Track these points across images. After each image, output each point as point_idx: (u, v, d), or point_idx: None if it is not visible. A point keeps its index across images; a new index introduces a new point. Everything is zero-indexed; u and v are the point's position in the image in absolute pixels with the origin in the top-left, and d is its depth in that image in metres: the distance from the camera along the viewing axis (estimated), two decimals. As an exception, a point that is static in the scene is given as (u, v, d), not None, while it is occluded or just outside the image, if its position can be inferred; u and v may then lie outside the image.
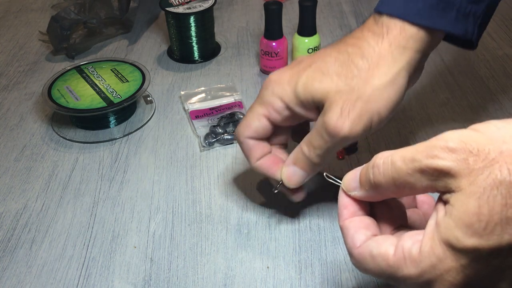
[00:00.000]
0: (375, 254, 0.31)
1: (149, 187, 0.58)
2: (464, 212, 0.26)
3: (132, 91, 0.67)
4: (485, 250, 0.26)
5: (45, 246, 0.52)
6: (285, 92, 0.45)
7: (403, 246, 0.30)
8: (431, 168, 0.28)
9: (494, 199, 0.25)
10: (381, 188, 0.32)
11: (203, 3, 0.77)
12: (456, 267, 0.27)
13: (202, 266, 0.49)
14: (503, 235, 0.25)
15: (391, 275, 0.30)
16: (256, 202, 0.56)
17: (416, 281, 0.29)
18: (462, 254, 0.27)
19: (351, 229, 0.34)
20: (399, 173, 0.30)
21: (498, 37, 0.84)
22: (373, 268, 0.31)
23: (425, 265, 0.28)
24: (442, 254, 0.27)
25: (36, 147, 0.65)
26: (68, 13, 0.81)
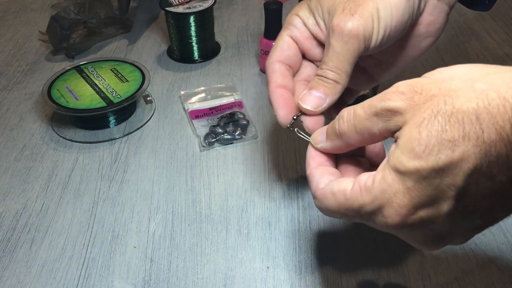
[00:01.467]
0: (335, 191, 0.34)
1: (149, 187, 0.58)
2: (407, 139, 0.30)
3: (132, 91, 0.67)
4: (425, 170, 0.29)
5: (45, 246, 0.52)
6: (300, 9, 0.46)
7: (359, 180, 0.33)
8: (383, 109, 0.32)
9: (432, 125, 0.29)
10: (345, 136, 0.35)
11: (203, 3, 0.77)
12: (402, 189, 0.30)
13: (202, 266, 0.49)
14: (440, 155, 0.28)
15: (348, 208, 0.34)
16: (256, 202, 0.56)
17: (370, 208, 0.32)
18: (406, 176, 0.30)
19: (316, 175, 0.38)
20: (359, 119, 0.34)
21: (498, 37, 0.84)
22: (334, 205, 0.35)
23: (376, 192, 0.31)
24: (390, 180, 0.31)
25: (36, 147, 0.65)
26: (68, 13, 0.81)
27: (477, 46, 0.82)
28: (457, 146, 0.28)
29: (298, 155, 0.62)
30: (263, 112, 0.69)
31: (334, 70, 0.42)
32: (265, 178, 0.59)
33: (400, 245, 0.51)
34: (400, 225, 0.31)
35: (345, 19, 0.41)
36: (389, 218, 0.31)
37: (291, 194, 0.57)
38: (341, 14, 0.42)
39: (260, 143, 0.64)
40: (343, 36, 0.41)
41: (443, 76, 0.31)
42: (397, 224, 0.31)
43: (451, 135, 0.28)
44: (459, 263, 0.49)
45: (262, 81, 0.76)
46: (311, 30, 0.46)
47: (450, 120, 0.28)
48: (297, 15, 0.46)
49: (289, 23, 0.47)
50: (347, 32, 0.41)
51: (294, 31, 0.46)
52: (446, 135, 0.28)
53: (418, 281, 0.47)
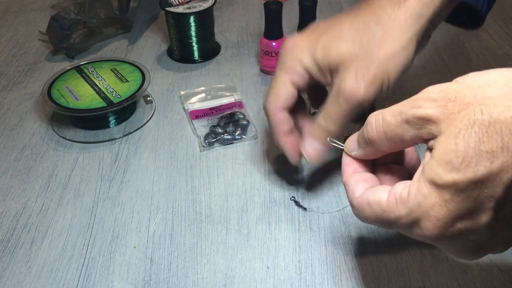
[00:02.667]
0: (371, 201, 0.34)
1: (149, 187, 0.58)
2: (443, 151, 0.29)
3: (132, 91, 0.67)
4: (463, 183, 0.28)
5: (45, 246, 0.52)
6: (304, 57, 0.47)
7: (395, 191, 0.33)
8: (415, 117, 0.31)
9: (469, 137, 0.28)
10: (375, 143, 0.35)
11: (203, 3, 0.77)
12: (439, 202, 0.29)
13: (202, 266, 0.49)
14: (478, 167, 0.28)
15: (385, 219, 0.33)
16: (256, 202, 0.56)
17: (406, 221, 0.32)
18: (443, 189, 0.29)
19: (351, 183, 0.37)
20: (389, 126, 0.33)
21: (498, 37, 0.84)
22: (370, 214, 0.34)
23: (413, 204, 0.31)
24: (426, 192, 0.30)
25: (36, 147, 0.65)
26: (68, 13, 0.81)
27: (477, 46, 0.82)
28: (495, 157, 0.27)
29: (298, 155, 0.62)
30: (263, 112, 0.69)
31: (338, 125, 0.46)
32: (265, 178, 0.59)
33: (400, 245, 0.51)
34: (439, 237, 0.31)
35: (358, 87, 0.44)
36: (426, 231, 0.31)
37: (291, 194, 0.57)
38: (353, 79, 0.44)
39: (260, 143, 0.64)
40: (354, 102, 0.44)
41: (478, 82, 0.30)
42: (435, 236, 0.31)
43: (489, 146, 0.27)
44: (459, 263, 0.49)
45: (262, 81, 0.76)
46: (314, 76, 0.48)
47: (488, 131, 0.27)
48: (301, 62, 0.47)
49: (290, 67, 0.48)
50: (358, 99, 0.44)
51: (296, 78, 0.48)
52: (484, 146, 0.27)
53: (418, 281, 0.47)
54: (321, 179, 0.58)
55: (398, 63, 0.45)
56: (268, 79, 0.76)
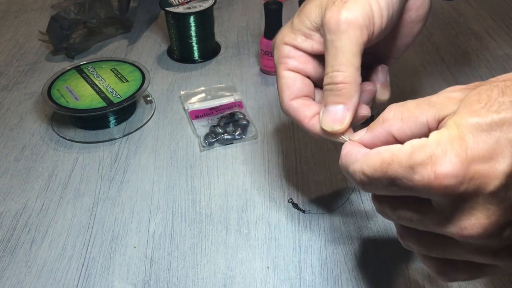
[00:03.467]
0: (382, 150, 0.31)
1: (149, 187, 0.58)
2: (466, 102, 0.29)
3: (132, 91, 0.67)
4: (485, 123, 0.28)
5: (45, 246, 0.52)
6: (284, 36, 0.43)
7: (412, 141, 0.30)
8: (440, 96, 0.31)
9: (492, 90, 0.29)
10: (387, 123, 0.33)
11: (203, 3, 0.77)
12: (459, 141, 0.28)
13: (202, 266, 0.49)
14: (500, 111, 0.28)
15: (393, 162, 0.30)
16: (256, 202, 0.56)
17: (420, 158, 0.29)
18: (465, 129, 0.29)
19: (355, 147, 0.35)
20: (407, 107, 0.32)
21: (498, 37, 0.84)
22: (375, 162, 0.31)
23: (431, 142, 0.29)
24: (447, 133, 0.29)
25: (36, 147, 0.65)
26: (68, 13, 0.81)
27: (477, 46, 0.82)
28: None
29: (298, 155, 0.62)
30: (263, 112, 0.69)
31: (341, 69, 0.38)
32: (265, 178, 0.59)
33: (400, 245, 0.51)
34: (450, 178, 0.28)
35: (337, 9, 0.38)
36: (439, 166, 0.28)
37: (291, 194, 0.57)
38: (332, 6, 0.39)
39: (260, 143, 0.64)
40: (340, 27, 0.38)
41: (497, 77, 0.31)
42: (448, 174, 0.28)
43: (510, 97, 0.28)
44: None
45: (262, 81, 0.76)
46: (305, 49, 0.42)
47: (510, 87, 0.29)
48: (284, 43, 0.43)
49: (280, 56, 0.43)
50: (343, 21, 0.38)
51: (290, 62, 0.43)
52: (506, 98, 0.28)
53: (418, 281, 0.47)
54: (320, 179, 0.58)
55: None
56: (268, 79, 0.76)
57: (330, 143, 0.63)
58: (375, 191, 0.33)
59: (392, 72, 0.76)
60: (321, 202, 0.56)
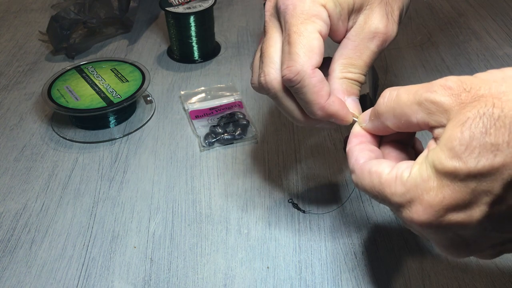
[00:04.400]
0: (373, 171, 0.34)
1: (149, 187, 0.58)
2: (448, 137, 0.29)
3: (132, 91, 0.67)
4: (463, 172, 0.28)
5: (45, 246, 0.52)
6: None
7: (397, 168, 0.32)
8: (428, 100, 0.31)
9: (476, 126, 0.28)
10: (382, 117, 0.35)
11: (203, 3, 0.77)
12: (436, 187, 0.29)
13: (202, 266, 0.49)
14: (480, 159, 0.27)
15: (381, 192, 0.33)
16: (256, 202, 0.56)
17: (399, 199, 0.31)
18: (443, 175, 0.29)
19: (355, 151, 0.37)
20: (399, 104, 0.33)
21: (498, 37, 0.84)
22: (368, 183, 0.34)
23: (410, 184, 0.31)
24: (426, 175, 0.30)
25: (36, 147, 0.65)
26: (68, 13, 0.81)
27: (477, 46, 0.82)
28: (500, 151, 0.27)
29: (298, 155, 0.62)
30: (263, 112, 0.69)
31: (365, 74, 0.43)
32: (265, 178, 0.59)
33: (400, 245, 0.51)
34: (426, 225, 0.30)
35: (392, 27, 0.42)
36: (415, 215, 0.30)
37: (291, 194, 0.57)
38: (386, 19, 0.42)
39: (260, 143, 0.64)
40: (386, 43, 0.42)
41: (495, 77, 0.30)
42: (422, 223, 0.30)
43: (495, 139, 0.27)
44: (459, 263, 0.49)
45: (262, 81, 0.75)
46: (334, 25, 0.41)
47: (496, 124, 0.27)
48: (325, 7, 0.40)
49: (316, 15, 0.39)
50: (390, 40, 0.42)
51: (324, 28, 0.40)
52: (489, 138, 0.27)
53: (418, 281, 0.47)
54: (320, 179, 0.58)
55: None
56: (268, 79, 0.76)
57: (330, 143, 0.63)
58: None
59: (393, 72, 0.76)
60: (321, 202, 0.56)
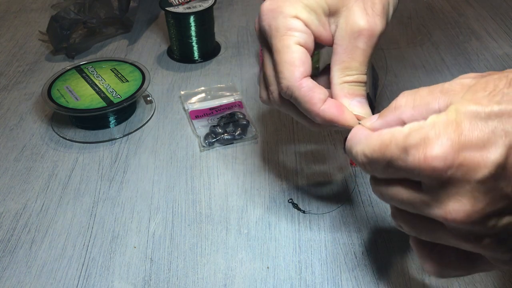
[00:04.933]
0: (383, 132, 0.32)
1: (149, 187, 0.58)
2: (472, 88, 0.30)
3: (132, 91, 0.67)
4: (484, 111, 0.28)
5: (45, 246, 0.52)
6: (297, 9, 0.41)
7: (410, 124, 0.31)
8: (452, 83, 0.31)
9: (500, 81, 0.29)
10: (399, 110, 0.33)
11: (203, 3, 0.77)
12: (454, 125, 0.29)
13: (202, 266, 0.49)
14: (502, 102, 0.28)
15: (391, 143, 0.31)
16: (256, 202, 0.56)
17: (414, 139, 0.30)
18: (463, 115, 0.29)
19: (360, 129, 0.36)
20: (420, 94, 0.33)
21: (498, 37, 0.84)
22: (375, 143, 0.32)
23: (427, 124, 0.30)
24: (445, 116, 0.29)
25: (36, 147, 0.65)
26: (68, 13, 0.81)
27: (477, 46, 0.82)
28: None
29: (298, 155, 0.62)
30: (263, 112, 0.69)
31: (364, 70, 0.41)
32: (265, 178, 0.59)
33: (400, 245, 0.51)
34: (439, 162, 0.29)
35: (374, 21, 0.40)
36: (429, 150, 0.29)
37: (291, 194, 0.57)
38: (365, 15, 0.40)
39: (260, 143, 0.64)
40: (374, 39, 0.40)
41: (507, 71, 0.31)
42: (435, 158, 0.29)
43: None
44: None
45: (262, 81, 0.75)
46: (315, 31, 0.42)
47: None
48: (297, 17, 0.41)
49: (290, 28, 0.41)
50: (377, 34, 0.40)
51: (303, 37, 0.41)
52: (511, 89, 0.29)
53: (418, 281, 0.47)
54: (320, 179, 0.58)
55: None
56: (268, 79, 0.76)
57: (330, 143, 0.63)
58: (375, 172, 0.34)
59: (393, 72, 0.76)
60: (321, 202, 0.56)
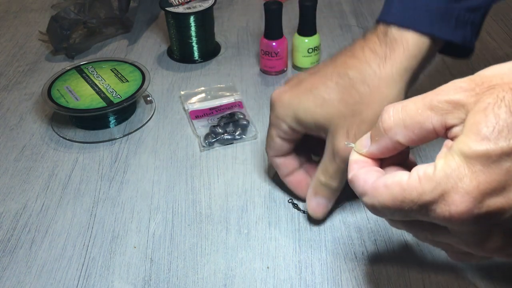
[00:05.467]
0: (389, 183, 0.31)
1: (149, 187, 0.58)
2: (473, 123, 0.28)
3: (132, 91, 0.67)
4: (495, 152, 0.27)
5: (45, 246, 0.52)
6: (286, 116, 0.48)
7: (417, 171, 0.30)
8: (442, 101, 0.30)
9: (499, 108, 0.27)
10: (391, 132, 0.32)
11: (203, 3, 0.77)
12: (469, 174, 0.28)
13: (202, 266, 0.49)
14: (511, 137, 0.27)
15: (406, 199, 0.30)
16: (256, 202, 0.56)
17: (431, 196, 0.29)
18: (474, 160, 0.28)
19: (361, 174, 0.34)
20: (409, 113, 0.31)
21: (498, 37, 0.84)
22: (387, 198, 0.31)
23: (439, 177, 0.29)
24: (455, 164, 0.28)
25: (36, 147, 0.65)
26: (68, 13, 0.81)
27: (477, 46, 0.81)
28: None
29: (298, 155, 0.62)
30: (263, 112, 0.69)
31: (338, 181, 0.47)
32: (265, 178, 0.59)
33: (400, 245, 0.51)
34: (466, 215, 0.28)
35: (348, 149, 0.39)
36: (453, 206, 0.28)
37: (291, 194, 0.57)
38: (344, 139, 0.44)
39: (260, 143, 0.64)
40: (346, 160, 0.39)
41: (503, 70, 0.30)
42: (462, 213, 0.28)
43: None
44: (459, 263, 0.49)
45: (262, 81, 0.76)
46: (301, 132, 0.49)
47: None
48: (283, 119, 0.48)
49: (275, 124, 0.49)
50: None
51: (282, 134, 0.50)
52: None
53: (418, 281, 0.47)
54: (321, 179, 0.58)
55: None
56: (268, 79, 0.76)
57: (330, 143, 0.63)
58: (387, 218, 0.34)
59: (392, 72, 0.76)
60: (321, 202, 0.56)
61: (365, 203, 0.33)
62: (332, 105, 0.45)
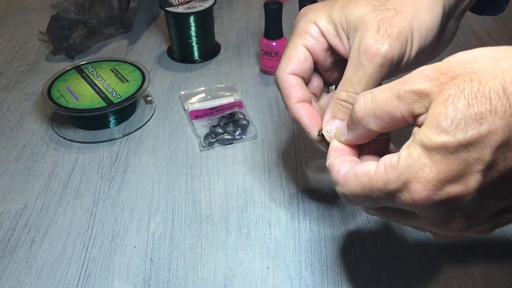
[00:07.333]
0: (358, 173, 0.34)
1: (149, 187, 0.58)
2: (433, 115, 0.30)
3: (132, 91, 0.67)
4: (453, 144, 0.29)
5: (45, 246, 0.52)
6: (319, 17, 0.44)
7: (383, 160, 0.33)
8: (408, 91, 0.31)
9: (458, 100, 0.29)
10: (363, 121, 0.34)
11: (203, 3, 0.77)
12: (429, 164, 0.30)
13: (202, 266, 0.49)
14: (467, 129, 0.28)
15: (373, 188, 0.33)
16: (256, 202, 0.56)
17: (395, 185, 0.31)
18: (433, 151, 0.30)
19: (336, 163, 0.37)
20: (378, 103, 0.33)
21: (498, 37, 0.84)
22: (357, 187, 0.34)
23: (402, 167, 0.31)
24: (416, 155, 0.30)
25: (36, 147, 0.65)
26: (68, 13, 0.81)
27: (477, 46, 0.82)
28: (484, 119, 0.28)
29: (298, 155, 0.62)
30: (263, 112, 0.69)
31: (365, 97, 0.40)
32: (265, 178, 0.59)
33: (400, 245, 0.51)
34: (427, 201, 0.31)
35: (382, 40, 0.39)
36: (415, 194, 0.31)
37: (291, 194, 0.57)
38: (376, 34, 0.40)
39: (260, 143, 0.64)
40: (378, 59, 0.39)
41: (467, 57, 0.31)
42: (424, 200, 0.31)
43: (478, 109, 0.28)
44: (459, 263, 0.49)
45: (262, 81, 0.76)
46: (330, 41, 0.44)
47: (477, 96, 0.28)
48: (315, 23, 0.43)
49: (304, 31, 0.44)
50: (383, 55, 0.39)
51: (311, 41, 0.44)
52: (473, 109, 0.28)
53: (418, 281, 0.47)
54: (320, 180, 0.59)
55: (424, 23, 0.40)
56: (268, 79, 0.76)
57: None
58: (359, 205, 0.37)
59: (392, 72, 0.76)
60: (321, 202, 0.56)
61: (338, 192, 0.36)
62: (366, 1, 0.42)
